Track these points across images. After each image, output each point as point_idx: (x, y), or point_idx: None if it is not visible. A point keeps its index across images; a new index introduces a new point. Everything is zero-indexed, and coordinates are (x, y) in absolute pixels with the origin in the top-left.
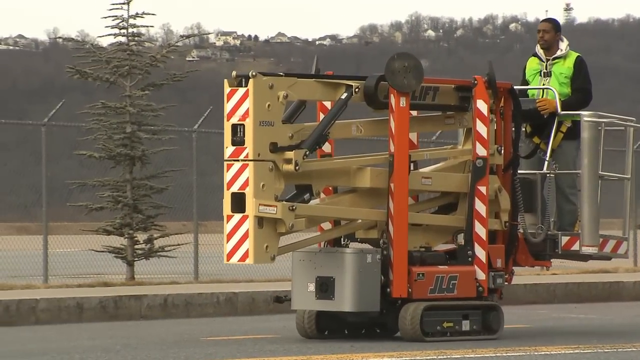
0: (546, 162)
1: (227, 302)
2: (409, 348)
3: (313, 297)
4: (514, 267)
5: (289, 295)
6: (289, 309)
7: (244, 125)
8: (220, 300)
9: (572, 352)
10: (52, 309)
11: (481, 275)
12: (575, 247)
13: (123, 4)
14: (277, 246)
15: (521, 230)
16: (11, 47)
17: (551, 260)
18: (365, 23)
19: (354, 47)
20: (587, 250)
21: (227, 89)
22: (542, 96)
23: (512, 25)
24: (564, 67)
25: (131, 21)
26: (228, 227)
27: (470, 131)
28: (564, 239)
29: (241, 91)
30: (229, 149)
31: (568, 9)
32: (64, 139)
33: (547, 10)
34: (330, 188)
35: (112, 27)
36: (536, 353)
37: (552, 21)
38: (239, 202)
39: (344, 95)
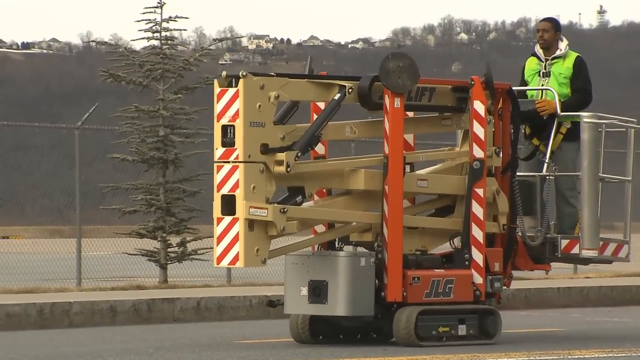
0: (545, 164)
1: (260, 305)
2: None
3: (306, 301)
4: (512, 271)
5: (282, 300)
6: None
7: (234, 126)
8: (252, 303)
9: (605, 355)
10: (85, 312)
11: (478, 279)
12: (575, 250)
13: (156, 7)
14: (268, 249)
15: (520, 234)
16: (45, 51)
17: (550, 264)
18: (398, 26)
19: (386, 51)
20: (586, 253)
21: (217, 90)
22: (542, 97)
23: None
24: (563, 67)
25: (164, 25)
26: (218, 229)
27: (467, 133)
28: (564, 242)
29: (231, 91)
30: (218, 151)
31: (601, 11)
32: (97, 142)
33: (580, 14)
34: (324, 190)
35: (146, 30)
36: (570, 357)
37: (551, 20)
38: (229, 204)
39: (337, 96)
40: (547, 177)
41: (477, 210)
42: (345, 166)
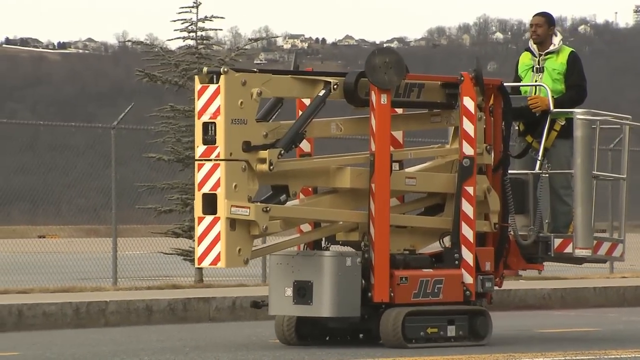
0: (538, 162)
1: None
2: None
3: (290, 302)
4: (504, 271)
5: (267, 301)
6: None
7: (215, 123)
8: None
9: None
10: (121, 311)
11: (468, 279)
12: (568, 249)
13: (192, 7)
14: (251, 249)
15: (512, 232)
16: (81, 51)
17: (543, 263)
18: (433, 25)
19: (421, 50)
20: (580, 252)
21: (197, 86)
22: (535, 93)
23: (581, 28)
24: (557, 63)
25: (200, 24)
26: (199, 229)
27: (458, 130)
28: (557, 242)
29: (212, 88)
30: (199, 148)
31: (638, 10)
32: (133, 142)
33: (616, 13)
34: (310, 189)
35: (181, 30)
36: (606, 357)
37: (545, 15)
38: (210, 203)
39: (322, 92)
40: (541, 175)
41: (467, 208)
42: (330, 164)
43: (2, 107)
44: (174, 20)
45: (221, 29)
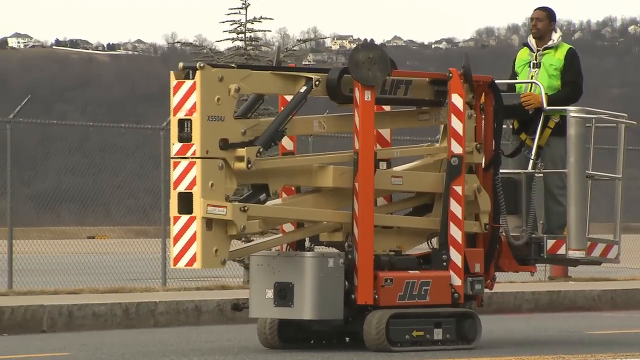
0: (531, 161)
1: None
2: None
3: (271, 304)
4: (495, 273)
5: (247, 303)
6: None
7: (190, 120)
8: None
9: None
10: (170, 311)
11: (457, 281)
12: (561, 251)
13: (241, 8)
14: (228, 249)
15: (504, 233)
16: (130, 52)
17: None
18: (482, 26)
19: (470, 51)
20: (573, 254)
21: (173, 82)
22: (529, 91)
23: (631, 28)
24: (554, 59)
25: (249, 25)
26: (175, 229)
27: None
28: (550, 243)
29: (188, 84)
30: (175, 146)
31: None
32: None
33: None
34: (293, 188)
35: (230, 31)
36: None
37: (546, 10)
38: (186, 202)
39: (304, 89)
40: (534, 175)
41: (456, 208)
42: (313, 162)
43: (52, 108)
44: (223, 22)
45: (270, 30)
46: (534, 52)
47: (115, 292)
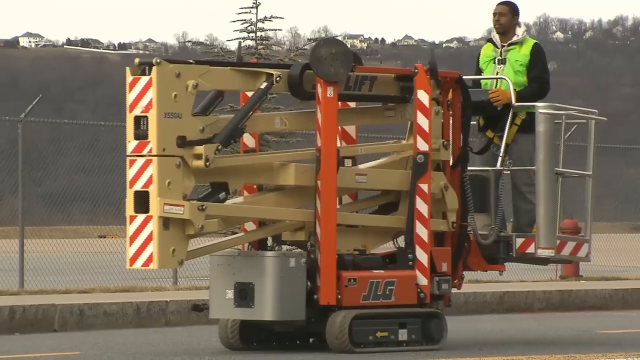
0: (499, 158)
1: None
2: None
3: (232, 304)
4: (464, 272)
5: (207, 303)
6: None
7: (147, 117)
8: None
9: None
10: (181, 310)
11: (423, 281)
12: (530, 249)
13: (251, 8)
14: (186, 249)
15: (472, 232)
16: (141, 51)
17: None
18: None
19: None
20: (542, 253)
21: (129, 78)
22: (496, 86)
23: None
24: (520, 54)
25: (259, 25)
26: (131, 228)
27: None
28: (518, 241)
29: (144, 80)
30: (131, 144)
31: None
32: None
33: None
34: (255, 186)
35: (241, 30)
36: None
37: (508, 4)
38: (142, 201)
39: (264, 85)
40: (503, 172)
41: (422, 207)
42: (274, 160)
43: (63, 108)
44: (234, 21)
45: (280, 29)
46: (499, 48)
47: (126, 291)
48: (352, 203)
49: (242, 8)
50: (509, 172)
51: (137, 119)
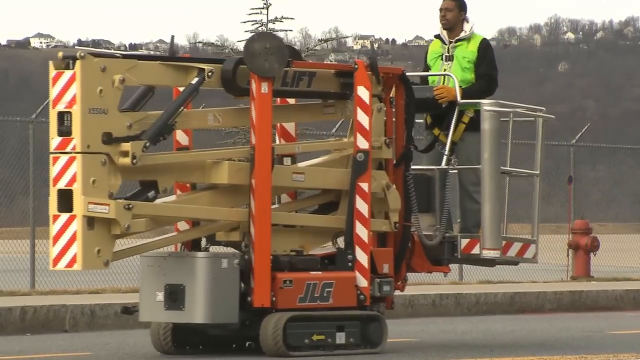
0: (445, 157)
1: None
2: None
3: (162, 307)
4: (407, 274)
5: (137, 306)
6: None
7: (70, 113)
8: None
9: None
10: None
11: (363, 282)
12: (476, 250)
13: (262, 8)
14: (112, 250)
15: (416, 232)
16: (152, 52)
17: (449, 265)
18: (504, 26)
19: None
20: (487, 254)
21: (52, 73)
22: (443, 83)
23: None
24: (467, 51)
25: (270, 25)
26: (54, 228)
27: None
28: (463, 242)
29: (67, 74)
30: (54, 140)
31: None
32: (204, 141)
33: None
34: (188, 185)
35: (252, 31)
36: None
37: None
38: (66, 200)
39: (195, 80)
40: (449, 171)
41: (362, 206)
42: (206, 158)
43: None
44: (245, 22)
45: (291, 30)
46: (446, 45)
47: (137, 291)
48: (290, 202)
49: (252, 9)
50: (455, 171)
51: (61, 115)
